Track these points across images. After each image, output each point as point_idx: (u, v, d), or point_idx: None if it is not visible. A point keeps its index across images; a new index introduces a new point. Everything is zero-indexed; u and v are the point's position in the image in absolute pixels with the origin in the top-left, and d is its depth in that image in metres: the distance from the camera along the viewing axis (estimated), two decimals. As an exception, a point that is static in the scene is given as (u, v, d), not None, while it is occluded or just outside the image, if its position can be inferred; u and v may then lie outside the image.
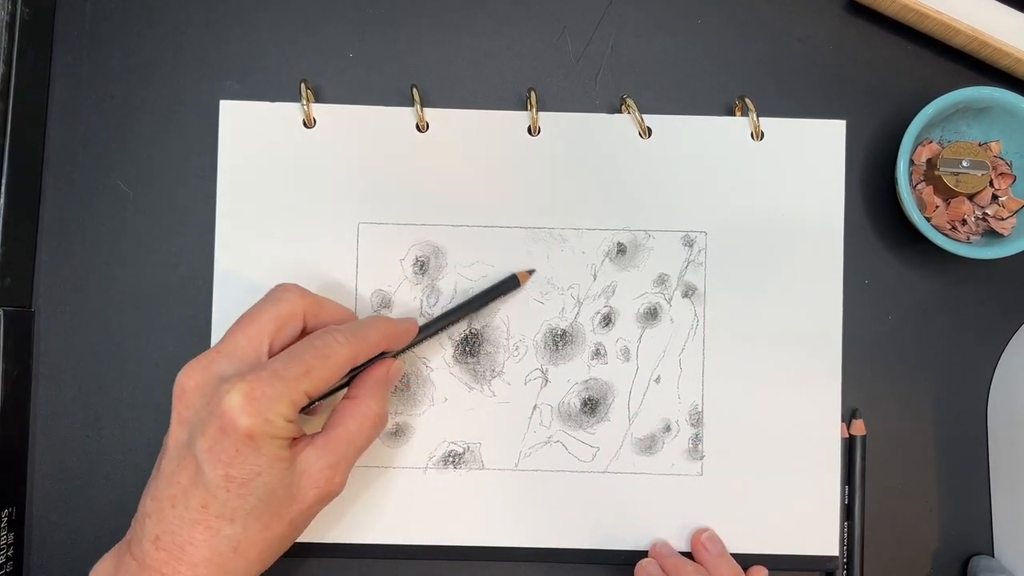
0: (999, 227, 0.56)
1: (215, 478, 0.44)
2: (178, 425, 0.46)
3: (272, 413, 0.44)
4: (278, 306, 0.48)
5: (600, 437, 0.57)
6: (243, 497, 0.44)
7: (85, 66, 0.58)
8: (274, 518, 0.46)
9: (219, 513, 0.44)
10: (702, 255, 0.57)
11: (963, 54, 0.58)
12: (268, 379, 0.45)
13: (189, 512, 0.44)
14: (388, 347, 0.51)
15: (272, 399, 0.44)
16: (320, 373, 0.46)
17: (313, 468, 0.47)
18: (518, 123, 0.57)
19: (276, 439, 0.45)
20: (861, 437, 0.57)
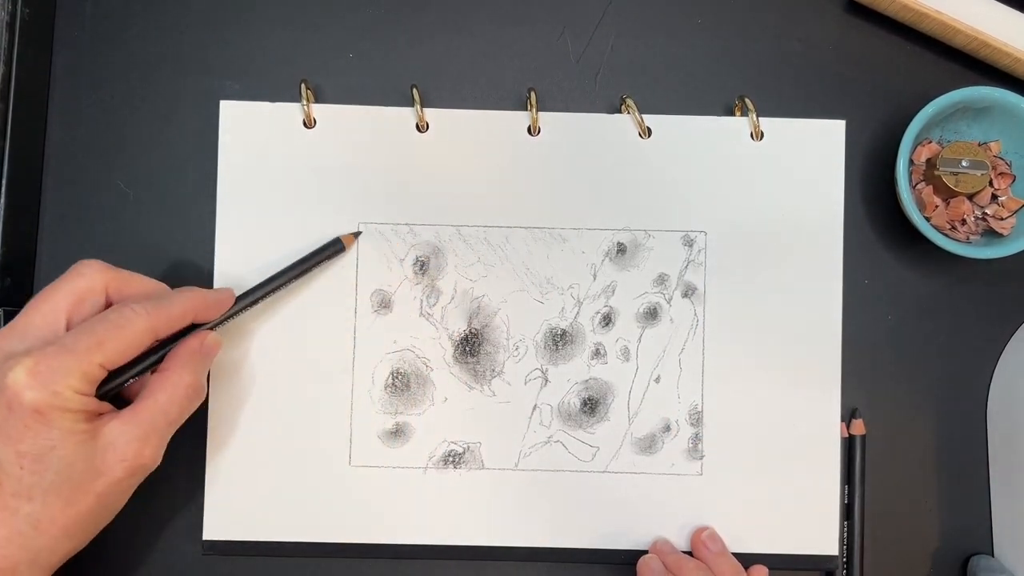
0: (999, 227, 0.56)
1: (6, 455, 0.43)
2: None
3: (60, 386, 0.43)
4: (75, 281, 0.47)
5: (600, 437, 0.57)
6: (38, 473, 0.43)
7: (85, 66, 0.58)
8: (77, 493, 0.45)
9: (15, 491, 0.43)
10: (702, 255, 0.57)
11: (963, 54, 0.58)
12: (55, 353, 0.44)
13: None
14: (198, 318, 0.50)
15: (60, 372, 0.43)
16: (114, 344, 0.45)
17: (119, 441, 0.46)
18: (518, 123, 0.57)
19: (68, 412, 0.44)
20: (861, 437, 0.57)
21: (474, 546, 0.56)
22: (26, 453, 0.43)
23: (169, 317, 0.48)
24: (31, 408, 0.43)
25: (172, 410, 0.48)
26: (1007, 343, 0.58)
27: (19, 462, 0.43)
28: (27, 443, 0.43)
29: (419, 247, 0.57)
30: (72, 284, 0.47)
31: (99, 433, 0.45)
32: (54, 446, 0.43)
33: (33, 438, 0.43)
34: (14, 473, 0.43)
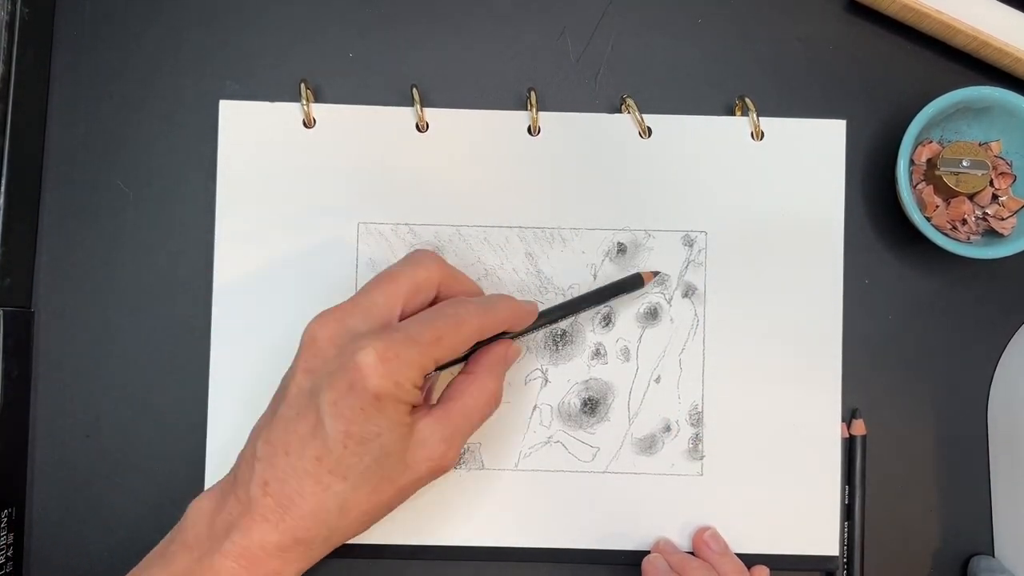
0: (999, 227, 0.56)
1: (335, 433, 0.44)
2: (304, 373, 0.46)
3: (403, 376, 0.44)
4: (416, 270, 0.48)
5: (600, 437, 0.57)
6: (359, 456, 0.44)
7: (85, 66, 0.58)
8: (383, 482, 0.46)
9: (332, 468, 0.44)
10: (702, 255, 0.57)
11: (963, 54, 0.58)
12: (403, 342, 0.45)
13: (303, 462, 0.44)
14: (511, 327, 0.51)
15: (405, 363, 0.44)
16: (450, 341, 0.46)
17: (431, 439, 0.46)
18: (518, 123, 0.57)
19: (401, 403, 0.45)
20: (861, 437, 0.57)
21: (473, 547, 0.56)
22: (354, 434, 0.44)
23: (495, 322, 0.49)
24: (373, 393, 0.43)
25: (476, 414, 0.49)
26: (1008, 343, 0.58)
27: (345, 442, 0.44)
28: (358, 425, 0.44)
29: (419, 247, 0.57)
30: (413, 272, 0.48)
31: (415, 428, 0.46)
32: (380, 433, 0.44)
33: (364, 421, 0.44)
34: (336, 451, 0.44)
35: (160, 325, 0.57)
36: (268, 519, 0.45)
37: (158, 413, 0.57)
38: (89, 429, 0.57)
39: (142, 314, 0.57)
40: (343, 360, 0.44)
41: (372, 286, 0.48)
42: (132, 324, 0.57)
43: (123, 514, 0.57)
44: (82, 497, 0.57)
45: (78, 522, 0.57)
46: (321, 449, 0.44)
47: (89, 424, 0.57)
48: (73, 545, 0.57)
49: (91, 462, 0.57)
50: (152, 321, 0.57)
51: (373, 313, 0.47)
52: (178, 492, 0.56)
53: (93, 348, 0.57)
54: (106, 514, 0.57)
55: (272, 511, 0.45)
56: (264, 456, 0.45)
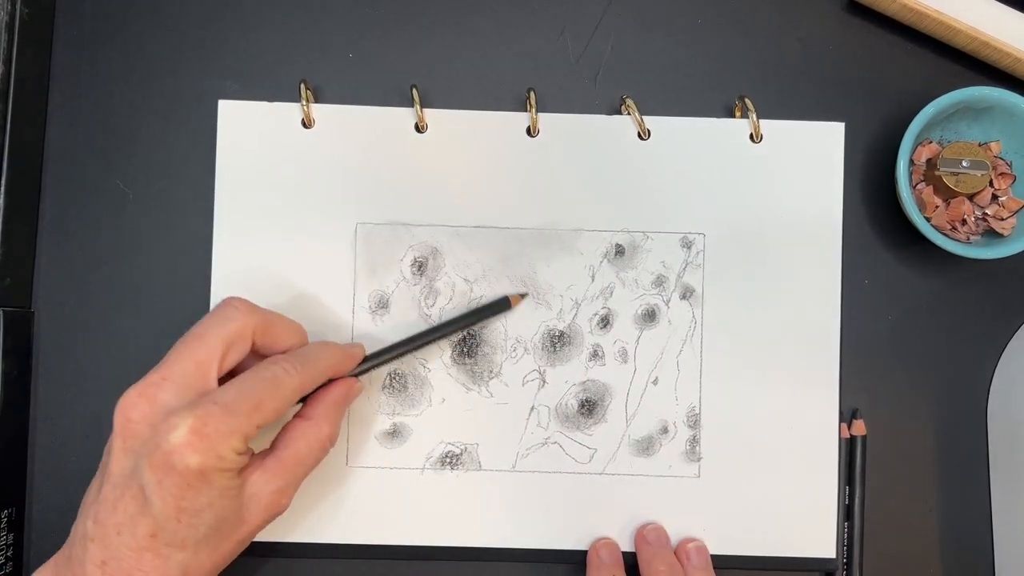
0: (999, 227, 0.56)
1: (165, 510, 0.43)
2: (122, 453, 0.45)
3: (223, 448, 0.44)
4: (227, 326, 0.47)
5: (597, 438, 0.57)
6: (193, 527, 0.44)
7: (84, 66, 0.58)
8: (223, 541, 0.46)
9: (169, 542, 0.44)
10: (700, 257, 0.57)
11: (963, 54, 0.58)
12: (219, 415, 0.44)
13: (136, 540, 0.44)
14: (335, 374, 0.51)
15: (224, 435, 0.44)
16: (271, 405, 0.46)
17: (263, 492, 0.47)
18: (517, 124, 0.57)
19: (227, 472, 0.44)
20: (861, 437, 0.57)
21: (471, 547, 0.56)
22: (186, 509, 0.44)
23: (316, 374, 0.49)
24: (196, 469, 0.43)
25: (310, 460, 0.49)
26: (1007, 343, 0.58)
27: (178, 516, 0.44)
28: (187, 500, 0.43)
29: (417, 248, 0.57)
30: (223, 330, 0.47)
31: (245, 484, 0.46)
32: (212, 503, 0.44)
33: (194, 496, 0.44)
34: (170, 526, 0.44)
35: (159, 325, 0.57)
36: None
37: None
38: (89, 429, 0.57)
39: (141, 314, 0.57)
40: (158, 440, 0.43)
41: (180, 351, 0.46)
42: (131, 324, 0.57)
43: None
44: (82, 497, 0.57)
45: (78, 521, 0.57)
46: (154, 526, 0.44)
47: (89, 424, 0.57)
48: (73, 544, 0.57)
49: (91, 462, 0.56)
50: (151, 321, 0.57)
51: (185, 383, 0.45)
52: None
53: (93, 348, 0.57)
54: (106, 513, 0.57)
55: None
56: (96, 536, 0.45)
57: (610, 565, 0.54)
